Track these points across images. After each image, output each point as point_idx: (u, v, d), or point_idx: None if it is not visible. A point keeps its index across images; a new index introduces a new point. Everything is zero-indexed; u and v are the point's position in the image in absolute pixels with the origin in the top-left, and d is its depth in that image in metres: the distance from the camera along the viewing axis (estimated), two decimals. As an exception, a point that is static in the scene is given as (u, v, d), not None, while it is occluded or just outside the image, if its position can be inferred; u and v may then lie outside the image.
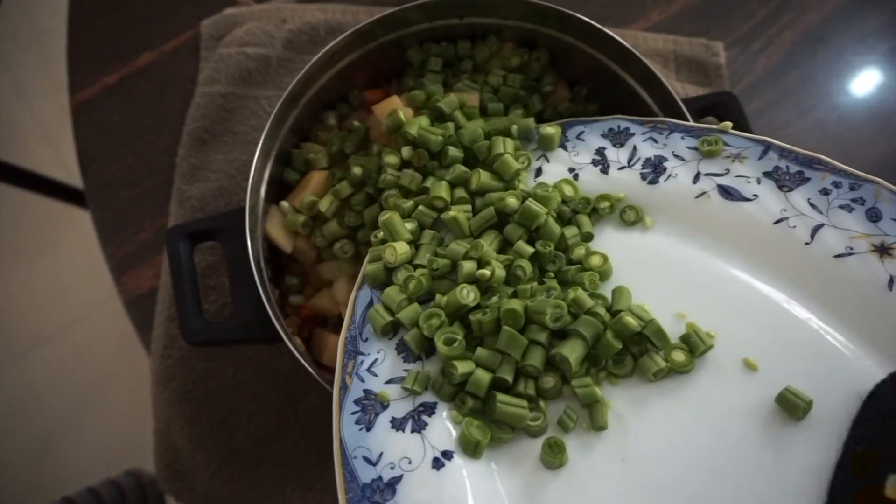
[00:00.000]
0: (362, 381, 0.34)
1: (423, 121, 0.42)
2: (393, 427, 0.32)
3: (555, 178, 0.40)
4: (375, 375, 0.34)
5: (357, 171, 0.43)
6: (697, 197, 0.38)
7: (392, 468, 0.31)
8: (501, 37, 0.48)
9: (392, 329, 0.36)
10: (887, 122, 0.60)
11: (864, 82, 0.62)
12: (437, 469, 0.31)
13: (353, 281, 0.43)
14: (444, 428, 0.32)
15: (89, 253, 1.21)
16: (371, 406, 0.33)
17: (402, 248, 0.37)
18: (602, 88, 0.48)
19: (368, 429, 0.32)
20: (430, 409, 0.33)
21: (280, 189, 0.47)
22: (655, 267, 0.37)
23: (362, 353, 0.35)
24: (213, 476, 0.49)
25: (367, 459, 0.31)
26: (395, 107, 0.44)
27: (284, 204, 0.45)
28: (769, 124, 0.59)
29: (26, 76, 1.36)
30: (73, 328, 1.18)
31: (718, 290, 0.36)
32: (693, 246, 0.37)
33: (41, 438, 1.11)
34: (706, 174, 0.38)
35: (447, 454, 0.32)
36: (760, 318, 0.34)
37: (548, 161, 0.42)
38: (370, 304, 0.37)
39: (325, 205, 0.44)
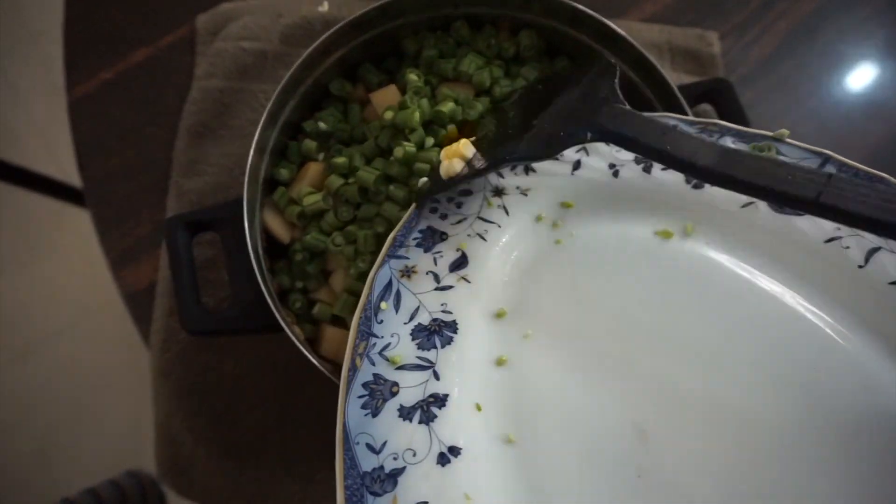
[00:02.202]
0: (373, 364, 0.33)
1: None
2: (400, 416, 0.31)
3: (594, 172, 0.39)
4: (386, 360, 0.33)
5: (341, 160, 0.44)
6: (744, 206, 0.36)
7: (395, 459, 0.30)
8: (497, 26, 0.49)
9: None
10: (881, 110, 0.60)
11: (859, 71, 0.62)
12: (443, 465, 0.30)
13: (349, 273, 0.43)
14: (454, 422, 0.31)
15: (88, 254, 1.21)
16: (379, 391, 0.32)
17: None
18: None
19: (374, 415, 0.31)
20: (441, 400, 0.32)
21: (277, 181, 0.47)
22: (691, 275, 0.36)
23: (375, 336, 0.33)
24: (213, 469, 0.49)
25: (369, 447, 0.30)
26: (393, 95, 0.44)
27: (276, 196, 0.45)
28: (765, 113, 0.59)
29: (21, 78, 1.36)
30: (73, 329, 1.18)
31: (756, 306, 0.34)
32: (734, 258, 0.36)
33: (41, 439, 1.11)
34: None
35: (454, 450, 0.30)
36: (799, 341, 0.33)
37: (587, 154, 0.40)
38: (389, 283, 0.35)
39: (309, 200, 0.44)
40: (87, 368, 1.16)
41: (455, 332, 0.34)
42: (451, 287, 0.36)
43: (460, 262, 0.37)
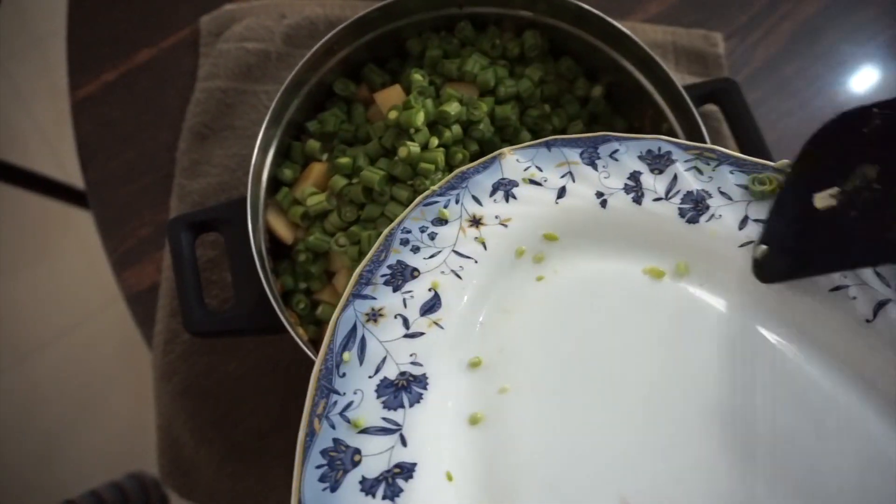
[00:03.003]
0: (333, 427, 0.28)
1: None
2: (362, 490, 0.27)
3: (580, 201, 0.36)
4: (348, 422, 0.29)
5: (345, 161, 0.43)
6: (742, 246, 0.33)
7: None
8: (501, 26, 0.48)
9: None
10: (887, 110, 0.60)
11: (863, 72, 0.62)
12: None
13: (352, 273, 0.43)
14: (422, 497, 0.27)
15: (89, 256, 1.21)
16: (339, 460, 0.28)
17: None
18: (601, 76, 0.48)
19: (333, 489, 0.27)
20: (407, 471, 0.28)
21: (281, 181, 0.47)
22: (682, 321, 0.33)
23: (337, 392, 0.29)
24: (216, 470, 0.48)
25: None
26: (397, 95, 0.44)
27: (279, 196, 0.45)
28: (769, 115, 0.59)
29: (24, 81, 1.36)
30: (75, 331, 1.18)
31: (753, 358, 0.31)
32: (729, 302, 0.33)
33: (43, 441, 1.11)
34: (755, 220, 0.33)
35: None
36: (798, 400, 0.30)
37: (573, 181, 0.36)
38: (353, 329, 0.31)
39: (313, 201, 0.44)
40: (89, 369, 1.16)
41: (425, 387, 0.30)
42: (421, 334, 0.32)
43: (433, 304, 0.33)
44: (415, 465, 0.28)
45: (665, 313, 0.33)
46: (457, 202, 0.36)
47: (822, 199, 0.30)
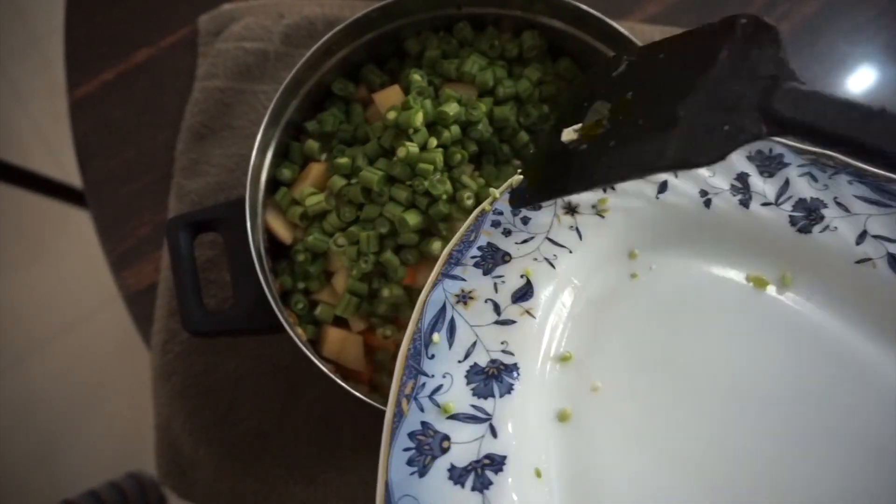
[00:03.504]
0: (421, 409, 0.28)
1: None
2: (451, 478, 0.26)
3: (682, 198, 0.34)
4: (437, 406, 0.28)
5: (344, 161, 0.44)
6: (859, 262, 0.32)
7: None
8: (500, 27, 0.48)
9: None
10: (885, 111, 0.60)
11: (861, 73, 0.62)
12: None
13: (351, 274, 0.43)
14: (511, 491, 0.26)
15: (88, 255, 1.21)
16: (428, 445, 0.27)
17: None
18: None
19: (422, 474, 0.26)
20: (497, 463, 0.27)
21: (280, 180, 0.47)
22: (784, 334, 0.31)
23: (426, 374, 0.29)
24: (215, 470, 0.48)
25: None
26: (396, 96, 0.44)
27: (278, 196, 0.45)
28: (767, 114, 0.59)
29: (22, 80, 1.36)
30: (73, 331, 1.18)
31: (861, 383, 0.30)
32: (840, 322, 0.31)
33: (42, 441, 1.11)
34: (875, 236, 0.32)
35: None
36: None
37: (676, 175, 0.34)
38: (442, 310, 0.30)
39: (312, 201, 0.44)
40: (87, 369, 1.16)
41: (516, 378, 0.29)
42: (513, 322, 0.31)
43: (525, 292, 0.31)
44: (505, 457, 0.27)
45: (767, 326, 0.32)
46: None
47: (567, 134, 0.31)
